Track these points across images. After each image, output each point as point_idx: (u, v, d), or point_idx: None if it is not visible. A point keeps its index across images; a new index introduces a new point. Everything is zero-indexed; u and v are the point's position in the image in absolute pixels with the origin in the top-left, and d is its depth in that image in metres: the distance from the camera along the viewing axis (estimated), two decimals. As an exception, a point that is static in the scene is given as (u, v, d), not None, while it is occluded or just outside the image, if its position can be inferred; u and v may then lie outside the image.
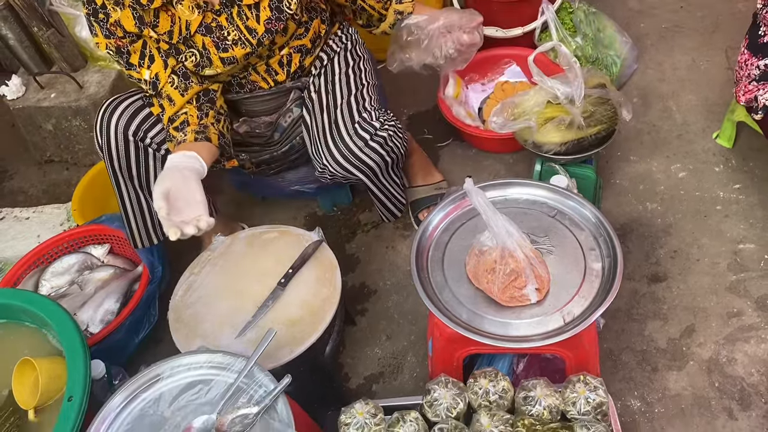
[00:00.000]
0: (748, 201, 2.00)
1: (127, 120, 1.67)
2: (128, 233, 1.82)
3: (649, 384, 1.66)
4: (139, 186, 1.74)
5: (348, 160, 1.69)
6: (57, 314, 1.49)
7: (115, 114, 1.67)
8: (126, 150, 1.68)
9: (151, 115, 1.70)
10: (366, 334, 1.89)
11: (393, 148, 1.73)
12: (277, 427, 1.23)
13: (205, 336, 1.54)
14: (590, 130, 1.73)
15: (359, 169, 1.71)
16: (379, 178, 1.82)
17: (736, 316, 1.75)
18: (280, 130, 1.75)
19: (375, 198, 1.92)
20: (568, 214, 1.54)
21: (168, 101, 1.63)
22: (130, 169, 1.71)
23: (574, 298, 1.39)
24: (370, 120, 1.71)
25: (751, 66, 1.78)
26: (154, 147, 1.70)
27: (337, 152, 1.69)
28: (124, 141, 1.67)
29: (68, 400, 1.33)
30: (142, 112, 1.69)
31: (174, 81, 1.62)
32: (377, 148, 1.71)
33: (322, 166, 1.73)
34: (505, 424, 1.23)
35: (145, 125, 1.68)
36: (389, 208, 1.97)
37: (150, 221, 1.81)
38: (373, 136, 1.70)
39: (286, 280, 1.61)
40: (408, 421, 1.28)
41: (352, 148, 1.68)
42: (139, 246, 1.83)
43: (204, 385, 1.32)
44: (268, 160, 1.79)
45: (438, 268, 1.49)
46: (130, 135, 1.67)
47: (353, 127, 1.70)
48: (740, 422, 1.57)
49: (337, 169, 1.71)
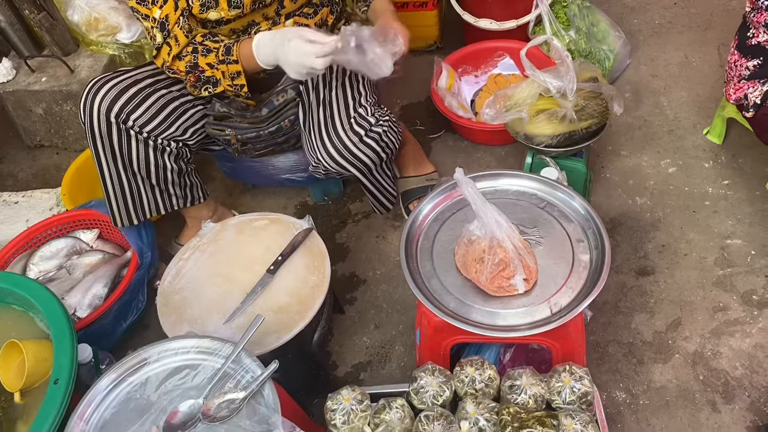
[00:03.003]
0: (737, 197, 2.01)
1: (110, 102, 1.66)
2: (108, 211, 1.83)
3: (635, 376, 1.68)
4: (122, 166, 1.74)
5: (343, 156, 1.69)
6: (44, 297, 1.48)
7: (98, 95, 1.67)
8: (108, 131, 1.68)
9: (135, 97, 1.69)
10: (354, 322, 1.89)
11: (388, 143, 1.74)
12: (263, 412, 1.23)
13: (193, 321, 1.54)
14: (581, 124, 1.74)
15: (354, 165, 1.72)
16: (373, 173, 1.83)
17: (722, 311, 1.77)
18: (270, 107, 1.74)
19: (367, 191, 1.93)
20: (558, 206, 1.55)
21: (174, 41, 1.63)
22: (113, 149, 1.71)
23: (561, 288, 1.40)
24: (366, 116, 1.72)
25: (741, 67, 1.79)
26: (136, 129, 1.70)
27: (332, 148, 1.69)
28: (106, 123, 1.67)
29: (54, 383, 1.33)
30: (125, 94, 1.68)
31: (180, 22, 1.62)
32: (372, 144, 1.71)
33: (317, 161, 1.73)
34: (490, 412, 1.24)
35: (128, 107, 1.68)
36: (381, 201, 1.98)
37: (131, 201, 1.81)
38: (368, 131, 1.70)
39: (275, 267, 1.61)
40: (394, 408, 1.28)
41: (347, 144, 1.69)
42: (119, 224, 1.84)
43: (191, 370, 1.31)
44: (254, 139, 1.78)
45: (427, 257, 1.50)
46: (112, 117, 1.67)
47: (349, 122, 1.70)
48: (723, 415, 1.59)
49: (331, 165, 1.71)
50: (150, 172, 1.77)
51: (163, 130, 1.72)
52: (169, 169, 1.79)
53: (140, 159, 1.74)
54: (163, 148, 1.75)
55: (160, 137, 1.73)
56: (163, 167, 1.78)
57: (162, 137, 1.73)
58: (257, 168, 2.03)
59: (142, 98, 1.70)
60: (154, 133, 1.71)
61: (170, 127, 1.73)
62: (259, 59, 1.62)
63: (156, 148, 1.74)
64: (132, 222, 1.84)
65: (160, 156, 1.76)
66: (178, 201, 1.87)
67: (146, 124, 1.70)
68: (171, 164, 1.78)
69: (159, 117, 1.71)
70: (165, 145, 1.74)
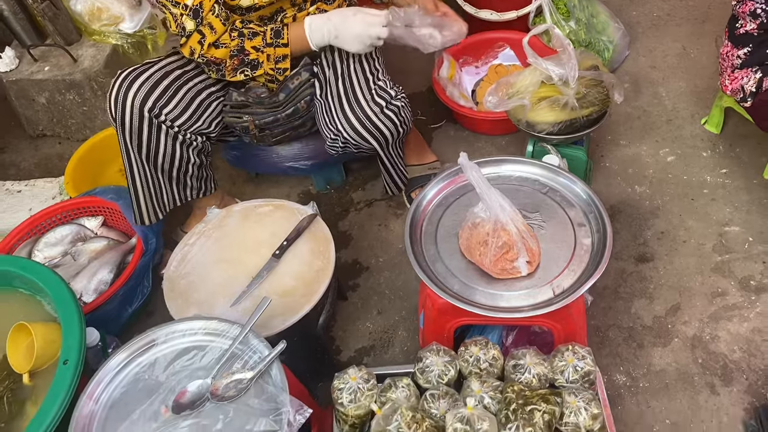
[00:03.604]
0: (734, 185, 2.04)
1: (144, 95, 1.67)
2: (135, 208, 1.82)
3: (635, 360, 1.70)
4: (146, 159, 1.74)
5: (364, 126, 1.72)
6: (52, 280, 1.49)
7: (132, 88, 1.66)
8: (140, 125, 1.68)
9: (167, 91, 1.70)
10: (357, 308, 1.91)
11: (405, 119, 1.78)
12: (271, 391, 1.25)
13: (200, 305, 1.55)
14: (583, 111, 1.76)
15: (373, 136, 1.75)
16: (389, 148, 1.85)
17: (720, 296, 1.80)
18: (286, 91, 1.77)
19: (384, 168, 1.95)
20: (560, 191, 1.57)
21: (209, 29, 1.63)
22: (140, 143, 1.71)
23: (563, 271, 1.42)
24: (386, 88, 1.76)
25: (733, 56, 1.83)
26: (168, 124, 1.71)
27: (354, 117, 1.72)
28: (138, 117, 1.67)
29: (63, 364, 1.34)
30: (158, 87, 1.69)
31: (216, 9, 1.63)
32: (392, 117, 1.75)
33: (336, 132, 1.75)
34: (494, 391, 1.26)
35: (161, 101, 1.69)
36: (395, 179, 2.00)
37: (155, 196, 1.82)
38: (388, 103, 1.74)
39: (280, 251, 1.62)
40: (400, 387, 1.30)
41: (369, 114, 1.72)
42: (147, 222, 1.85)
43: (199, 351, 1.33)
44: (271, 123, 1.81)
45: (431, 241, 1.52)
46: (145, 111, 1.67)
47: (370, 94, 1.74)
48: (722, 397, 1.61)
49: (351, 135, 1.73)
50: (173, 166, 1.79)
51: (192, 124, 1.74)
52: (191, 163, 1.81)
53: (166, 153, 1.75)
54: (189, 142, 1.77)
55: (189, 131, 1.75)
56: (187, 161, 1.80)
57: (190, 131, 1.75)
58: (262, 156, 2.04)
59: (173, 92, 1.71)
60: (184, 127, 1.73)
61: (198, 121, 1.76)
62: (312, 40, 1.68)
63: (183, 142, 1.76)
64: (158, 218, 1.85)
65: (186, 150, 1.78)
66: (192, 192, 1.89)
67: (177, 117, 1.71)
68: (194, 158, 1.81)
69: (189, 110, 1.73)
70: (192, 139, 1.77)
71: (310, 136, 1.96)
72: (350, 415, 1.30)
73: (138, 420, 1.24)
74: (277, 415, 1.20)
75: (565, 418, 1.22)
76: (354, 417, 1.30)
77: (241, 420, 1.20)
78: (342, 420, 1.33)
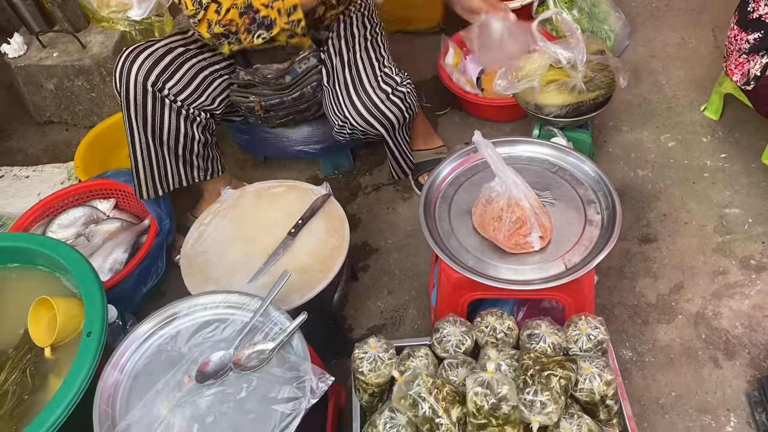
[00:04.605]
0: (734, 169, 2.10)
1: (148, 69, 1.69)
2: (135, 183, 1.85)
3: (640, 336, 1.75)
4: (152, 135, 1.76)
5: (370, 113, 1.76)
6: (72, 256, 1.51)
7: (136, 62, 1.69)
8: (144, 99, 1.71)
9: (171, 65, 1.73)
10: (368, 288, 1.95)
11: (411, 104, 1.82)
12: (293, 361, 1.28)
13: (218, 281, 1.58)
14: (589, 95, 1.80)
15: (380, 122, 1.78)
16: (396, 134, 1.89)
17: (722, 275, 1.85)
18: (293, 74, 1.80)
19: (390, 154, 1.98)
20: (569, 170, 1.61)
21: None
22: (146, 118, 1.73)
23: (574, 246, 1.46)
24: (392, 75, 1.79)
25: (741, 41, 1.87)
26: (171, 98, 1.73)
27: (360, 104, 1.75)
28: (143, 90, 1.70)
29: (87, 336, 1.37)
30: (162, 62, 1.72)
31: None
32: (398, 103, 1.78)
33: (343, 119, 1.78)
34: (511, 359, 1.30)
35: (164, 76, 1.71)
36: (401, 164, 2.04)
37: (156, 172, 1.84)
38: (394, 90, 1.77)
39: (296, 230, 1.65)
40: (419, 356, 1.33)
41: (375, 101, 1.75)
42: (145, 196, 1.87)
43: (220, 324, 1.36)
44: (277, 105, 1.83)
45: (445, 218, 1.55)
46: (149, 85, 1.70)
47: (376, 81, 1.77)
48: (725, 370, 1.66)
49: (358, 122, 1.76)
50: (178, 142, 1.81)
51: (194, 99, 1.77)
52: (196, 140, 1.83)
53: (171, 128, 1.78)
54: (193, 118, 1.79)
55: (192, 106, 1.77)
56: (192, 137, 1.82)
57: (193, 106, 1.77)
58: (271, 140, 2.07)
59: (176, 67, 1.73)
60: (187, 102, 1.75)
61: (201, 96, 1.78)
62: None
63: (187, 117, 1.78)
64: (157, 193, 1.87)
65: (189, 126, 1.80)
66: (199, 173, 1.91)
67: (180, 92, 1.74)
68: (198, 134, 1.83)
69: (192, 86, 1.76)
70: (195, 114, 1.79)
71: (319, 120, 2.00)
72: (370, 383, 1.33)
73: (162, 389, 1.25)
74: (300, 383, 1.23)
75: (579, 384, 1.26)
76: (374, 385, 1.34)
77: (264, 388, 1.23)
78: (362, 389, 1.36)
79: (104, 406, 1.25)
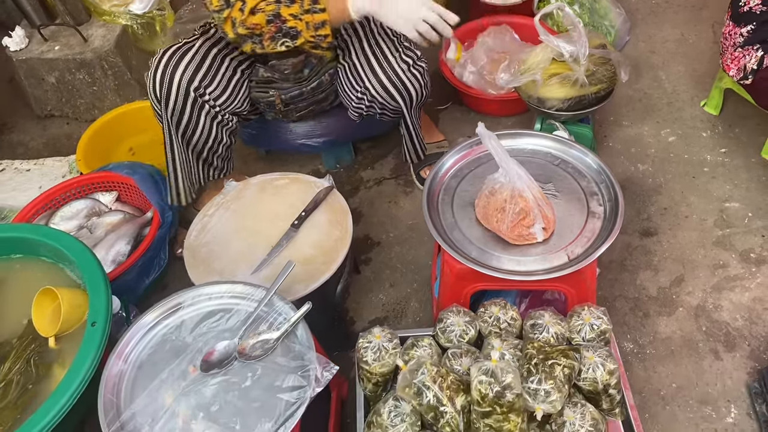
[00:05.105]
0: (734, 164, 2.11)
1: (192, 73, 1.69)
2: (174, 189, 1.87)
3: (641, 328, 1.76)
4: (182, 138, 1.77)
5: (392, 82, 1.77)
6: (76, 247, 1.51)
7: (180, 65, 1.69)
8: (183, 103, 1.71)
9: (210, 70, 1.73)
10: (370, 281, 1.95)
11: (427, 82, 1.83)
12: (298, 350, 1.28)
13: (221, 272, 1.58)
14: (591, 89, 1.81)
15: (401, 94, 1.79)
16: (413, 110, 1.89)
17: (722, 268, 1.86)
18: (310, 66, 1.81)
19: (407, 133, 1.97)
20: (571, 163, 1.62)
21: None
22: (180, 122, 1.74)
23: (577, 238, 1.47)
24: (411, 48, 1.81)
25: (735, 35, 1.88)
26: (211, 103, 1.74)
27: (383, 74, 1.76)
28: (184, 95, 1.70)
29: (92, 325, 1.37)
30: (203, 66, 1.72)
31: None
32: (418, 76, 1.79)
33: (363, 90, 1.78)
34: (514, 348, 1.31)
35: (206, 80, 1.72)
36: (416, 146, 2.03)
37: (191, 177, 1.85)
38: (415, 62, 1.79)
39: (299, 222, 1.66)
40: (422, 346, 1.34)
41: (397, 71, 1.76)
42: (183, 203, 1.89)
43: (224, 314, 1.36)
44: (297, 97, 1.84)
45: (448, 210, 1.56)
46: (192, 90, 1.70)
47: (398, 52, 1.79)
48: (725, 362, 1.67)
49: (379, 92, 1.77)
50: (206, 146, 1.82)
51: (230, 103, 1.78)
52: (223, 143, 1.85)
53: (203, 132, 1.78)
54: (226, 122, 1.80)
55: (227, 110, 1.78)
56: (220, 141, 1.84)
57: (228, 110, 1.78)
58: (274, 133, 2.08)
59: (215, 70, 1.74)
60: (223, 106, 1.76)
61: (235, 100, 1.79)
62: (353, 7, 1.63)
63: (221, 122, 1.79)
64: (193, 197, 1.89)
65: (221, 130, 1.81)
66: (215, 172, 1.93)
67: (219, 96, 1.74)
68: (226, 138, 1.85)
69: (228, 90, 1.77)
70: (228, 119, 1.80)
71: (323, 113, 2.00)
72: (374, 372, 1.34)
73: (167, 379, 1.26)
74: (305, 372, 1.23)
75: (582, 373, 1.27)
76: (378, 375, 1.34)
77: (269, 377, 1.23)
78: (365, 378, 1.37)
79: (109, 395, 1.25)
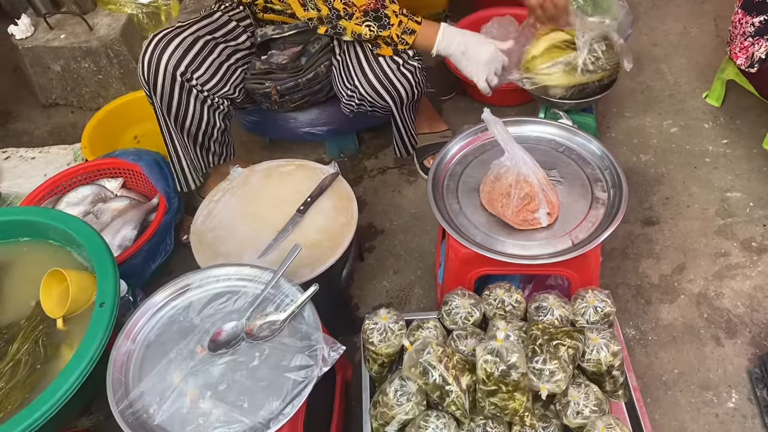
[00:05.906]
0: (735, 154, 2.12)
1: (178, 59, 1.70)
2: (180, 175, 1.89)
3: (643, 315, 1.77)
4: (174, 123, 1.78)
5: (381, 82, 1.78)
6: (84, 230, 1.52)
7: (166, 51, 1.69)
8: (171, 88, 1.72)
9: (199, 55, 1.74)
10: (374, 268, 1.97)
11: (419, 81, 1.84)
12: (305, 330, 1.30)
13: (228, 256, 1.59)
14: (595, 76, 1.82)
15: (389, 94, 1.80)
16: (403, 109, 1.91)
17: (724, 256, 1.87)
18: (307, 56, 1.82)
19: (396, 129, 2.00)
20: (576, 150, 1.63)
21: None
22: (170, 106, 1.75)
23: (581, 223, 1.48)
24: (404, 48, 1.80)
25: (746, 24, 1.89)
26: (198, 88, 1.75)
27: (371, 74, 1.77)
28: (171, 79, 1.71)
29: (100, 306, 1.38)
30: (191, 51, 1.73)
31: None
32: (408, 76, 1.80)
33: (353, 89, 1.80)
34: (519, 330, 1.32)
35: (192, 65, 1.72)
36: (405, 142, 2.05)
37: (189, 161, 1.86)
38: (405, 62, 1.80)
39: (304, 207, 1.67)
40: (427, 327, 1.36)
41: (386, 70, 1.77)
42: (192, 187, 1.91)
43: (232, 295, 1.37)
44: (292, 89, 1.85)
45: (453, 196, 1.57)
46: (178, 75, 1.71)
47: None
48: (726, 348, 1.69)
49: (368, 92, 1.78)
50: (199, 130, 1.83)
51: (220, 88, 1.79)
52: (217, 127, 1.86)
53: (194, 117, 1.79)
54: (216, 106, 1.81)
55: (216, 95, 1.79)
56: (213, 125, 1.84)
57: (218, 95, 1.79)
58: (278, 122, 2.09)
59: (204, 56, 1.74)
60: (213, 91, 1.77)
61: (225, 85, 1.80)
62: (440, 43, 1.74)
63: (211, 106, 1.80)
64: (196, 183, 1.90)
65: (212, 114, 1.82)
66: (214, 158, 1.94)
67: (207, 82, 1.75)
68: (220, 122, 1.85)
69: (217, 75, 1.77)
70: (219, 103, 1.81)
71: (326, 101, 2.01)
72: (380, 353, 1.35)
73: (175, 358, 1.27)
74: (312, 351, 1.25)
75: (587, 354, 1.29)
76: (384, 356, 1.36)
77: (276, 357, 1.25)
78: (371, 359, 1.38)
79: (117, 374, 1.27)
